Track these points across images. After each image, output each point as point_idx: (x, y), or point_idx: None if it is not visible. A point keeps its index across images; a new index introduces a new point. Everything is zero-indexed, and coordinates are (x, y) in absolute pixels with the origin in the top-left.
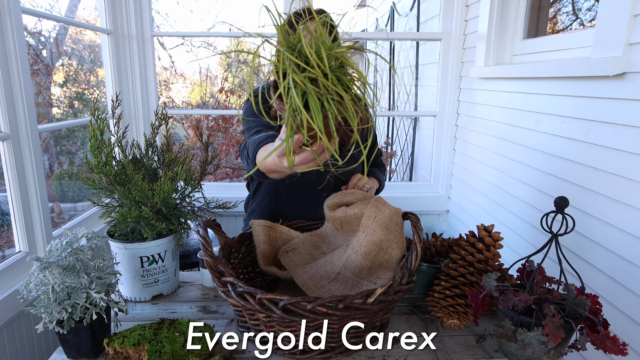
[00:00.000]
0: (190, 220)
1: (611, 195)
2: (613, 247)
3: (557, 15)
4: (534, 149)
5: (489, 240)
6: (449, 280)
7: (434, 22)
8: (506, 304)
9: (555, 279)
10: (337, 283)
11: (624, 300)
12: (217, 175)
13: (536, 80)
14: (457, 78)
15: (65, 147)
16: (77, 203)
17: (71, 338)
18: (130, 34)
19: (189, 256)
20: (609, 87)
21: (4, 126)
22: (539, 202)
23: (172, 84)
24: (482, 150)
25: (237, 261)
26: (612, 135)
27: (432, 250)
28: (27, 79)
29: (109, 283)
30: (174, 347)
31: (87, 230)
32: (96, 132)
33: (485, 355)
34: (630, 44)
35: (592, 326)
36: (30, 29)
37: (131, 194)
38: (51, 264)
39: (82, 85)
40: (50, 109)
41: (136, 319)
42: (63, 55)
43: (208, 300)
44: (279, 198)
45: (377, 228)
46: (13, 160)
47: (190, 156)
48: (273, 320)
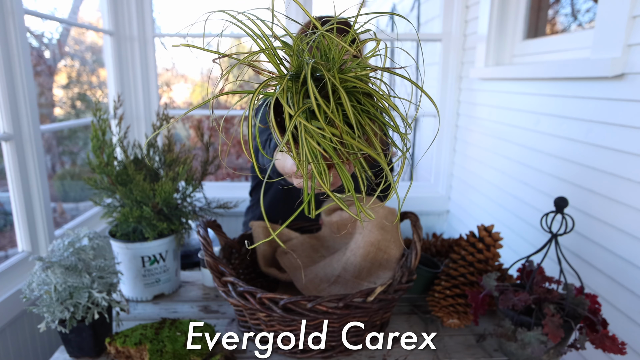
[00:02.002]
0: (191, 220)
1: (610, 196)
2: (612, 247)
3: (557, 17)
4: (534, 149)
5: (489, 240)
6: (449, 280)
7: (435, 23)
8: (506, 303)
9: (554, 278)
10: (337, 286)
11: (623, 299)
12: (218, 176)
13: (536, 81)
14: (458, 79)
15: (68, 148)
16: (79, 203)
17: (73, 337)
18: (132, 35)
19: (190, 256)
20: (608, 88)
21: (7, 126)
22: (538, 202)
23: (174, 84)
24: (482, 151)
25: (237, 261)
26: (612, 135)
27: (433, 250)
28: (30, 80)
29: (111, 283)
30: (175, 346)
31: (89, 230)
32: (98, 132)
33: (485, 354)
34: (629, 45)
35: (591, 326)
36: (33, 30)
37: (132, 194)
38: (53, 263)
39: (85, 86)
40: (52, 109)
41: (138, 318)
42: (65, 56)
43: (209, 300)
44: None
45: (372, 228)
46: (16, 160)
47: (191, 156)
48: (273, 320)
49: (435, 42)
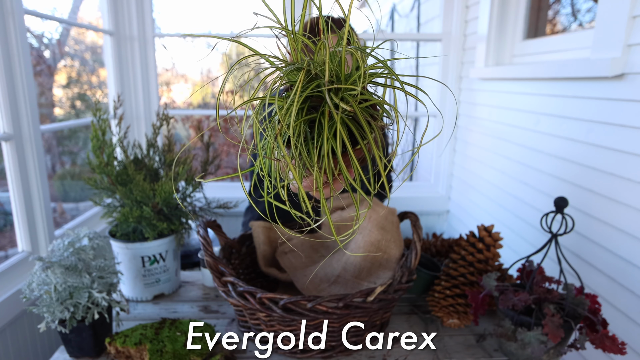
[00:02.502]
0: (191, 220)
1: (610, 196)
2: (612, 247)
3: (557, 17)
4: (534, 150)
5: (489, 240)
6: (449, 280)
7: (434, 23)
8: (506, 303)
9: (554, 278)
10: (337, 286)
11: (623, 299)
12: (218, 176)
13: (536, 81)
14: (458, 79)
15: (68, 148)
16: (79, 203)
17: (73, 337)
18: (132, 34)
19: (190, 256)
20: (608, 88)
21: (7, 126)
22: (538, 202)
23: (173, 84)
24: (482, 151)
25: (237, 261)
26: (612, 135)
27: (433, 250)
28: (30, 80)
29: (111, 283)
30: (175, 346)
31: (89, 230)
32: (98, 132)
33: (485, 354)
34: (629, 45)
35: (591, 326)
36: (33, 30)
37: (132, 194)
38: (53, 263)
39: (85, 86)
40: (52, 109)
41: (138, 318)
42: (65, 56)
43: (209, 300)
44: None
45: (373, 228)
46: (16, 160)
47: (191, 156)
48: (273, 320)
49: (435, 42)
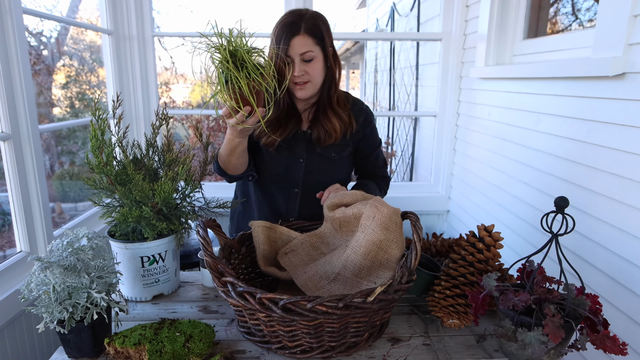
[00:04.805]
0: (190, 220)
1: (611, 195)
2: (613, 247)
3: (557, 16)
4: (534, 149)
5: (489, 240)
6: (449, 280)
7: (434, 23)
8: (506, 303)
9: (555, 278)
10: (336, 283)
11: (624, 300)
12: (218, 176)
13: (536, 81)
14: (458, 78)
15: (66, 147)
16: (78, 203)
17: (72, 338)
18: (130, 34)
19: (190, 256)
20: (608, 88)
21: (5, 126)
22: (539, 202)
23: (173, 84)
24: (482, 151)
25: (237, 261)
26: (612, 135)
27: (433, 250)
28: (28, 79)
29: (110, 283)
30: (175, 346)
31: (88, 230)
32: (97, 132)
33: (485, 355)
34: (630, 44)
35: (592, 326)
36: (32, 29)
37: (132, 194)
38: (52, 263)
39: (84, 86)
40: (51, 109)
41: (137, 318)
42: (64, 55)
43: (208, 300)
44: (249, 200)
45: (376, 228)
46: (14, 160)
47: (190, 156)
48: (273, 320)
49: (435, 42)
